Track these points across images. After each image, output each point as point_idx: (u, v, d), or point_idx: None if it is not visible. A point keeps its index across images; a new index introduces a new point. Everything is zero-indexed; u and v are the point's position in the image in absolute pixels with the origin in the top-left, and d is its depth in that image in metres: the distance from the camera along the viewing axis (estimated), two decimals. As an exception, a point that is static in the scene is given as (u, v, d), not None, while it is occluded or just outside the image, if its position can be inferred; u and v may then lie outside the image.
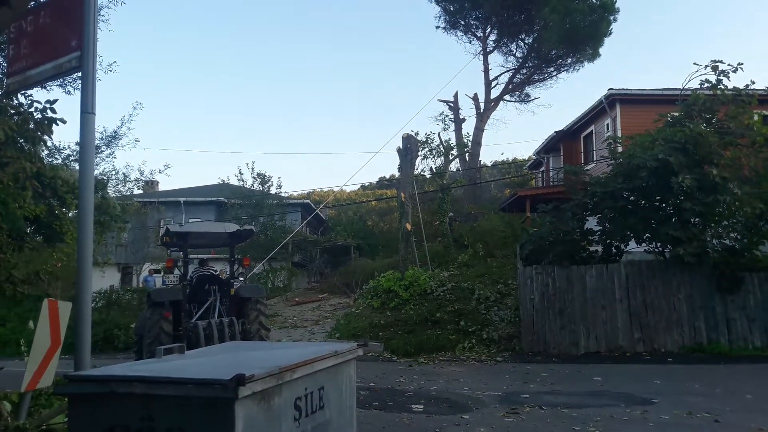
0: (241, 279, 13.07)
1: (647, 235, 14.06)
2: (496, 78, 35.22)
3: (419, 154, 25.75)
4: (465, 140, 34.23)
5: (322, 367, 3.09)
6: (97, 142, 18.93)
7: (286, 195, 33.76)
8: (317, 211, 29.49)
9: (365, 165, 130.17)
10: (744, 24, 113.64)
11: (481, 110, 34.68)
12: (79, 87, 4.02)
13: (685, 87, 15.78)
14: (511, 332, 14.62)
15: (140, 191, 27.65)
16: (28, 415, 4.68)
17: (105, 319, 17.67)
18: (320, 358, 3.07)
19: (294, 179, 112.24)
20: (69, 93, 13.50)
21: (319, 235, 33.15)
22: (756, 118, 14.59)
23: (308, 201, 36.05)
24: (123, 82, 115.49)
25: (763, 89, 15.18)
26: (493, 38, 35.07)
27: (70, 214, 11.39)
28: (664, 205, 13.91)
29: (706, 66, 14.82)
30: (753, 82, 14.65)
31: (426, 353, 14.07)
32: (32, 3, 3.94)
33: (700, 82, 15.07)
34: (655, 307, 13.65)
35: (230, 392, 2.21)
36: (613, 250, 14.85)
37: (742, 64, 14.53)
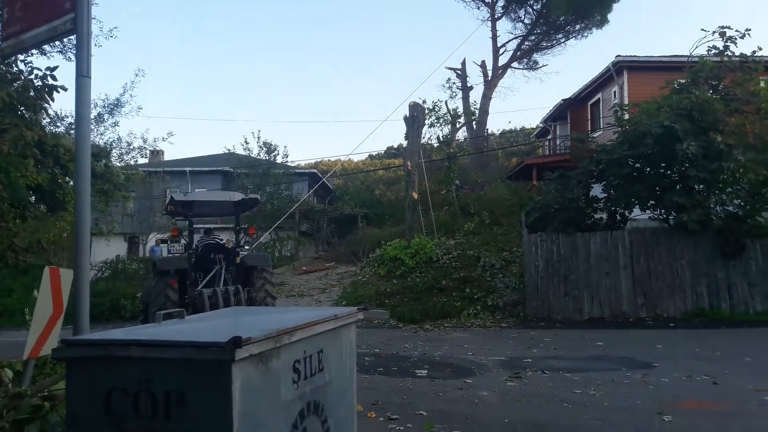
0: (247, 248, 13.15)
1: (652, 202, 14.03)
2: (504, 45, 34.89)
3: (426, 122, 25.61)
4: (472, 108, 34.05)
5: (321, 330, 3.11)
6: (99, 110, 18.82)
7: (293, 164, 33.75)
8: (324, 179, 29.47)
9: (372, 133, 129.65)
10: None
11: (489, 78, 34.40)
12: (80, 53, 4.00)
13: (693, 54, 15.55)
14: (516, 299, 14.72)
15: (146, 160, 27.63)
16: (32, 383, 4.77)
17: (111, 288, 17.80)
18: (319, 321, 3.09)
19: (301, 148, 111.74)
20: (70, 59, 13.43)
21: (326, 205, 33.21)
22: (762, 84, 14.42)
23: (315, 170, 36.00)
24: (125, 49, 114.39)
25: (771, 56, 14.96)
26: (502, 4, 34.64)
27: (72, 183, 11.44)
28: (668, 172, 13.84)
29: (714, 32, 14.67)
30: (760, 48, 14.47)
31: (431, 320, 14.20)
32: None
33: (707, 48, 14.90)
34: (659, 273, 13.69)
35: (227, 354, 2.24)
36: (618, 218, 14.85)
37: (749, 30, 14.35)
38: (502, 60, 34.89)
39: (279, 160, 32.60)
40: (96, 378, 2.36)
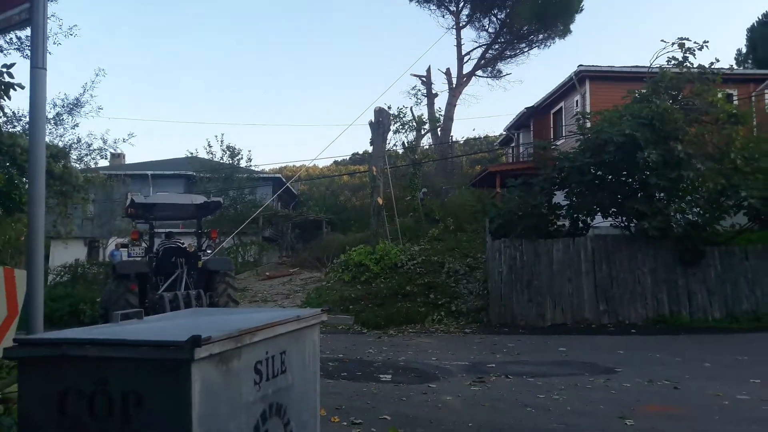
0: (209, 252, 12.94)
1: (613, 209, 14.29)
2: (468, 53, 35.26)
3: (391, 128, 25.64)
4: (437, 115, 34.27)
5: (283, 331, 3.04)
6: (58, 110, 18.30)
7: (257, 169, 33.38)
8: (288, 184, 29.21)
9: (337, 138, 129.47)
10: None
11: (454, 85, 34.71)
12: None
13: (653, 64, 15.92)
14: (480, 305, 14.79)
15: (106, 163, 27.01)
16: (-16, 386, 4.56)
17: (70, 293, 17.26)
18: (282, 321, 3.03)
19: (265, 153, 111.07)
20: (28, 57, 13.07)
21: (291, 210, 32.92)
22: (720, 96, 14.82)
23: (280, 175, 35.67)
24: (85, 48, 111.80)
25: (727, 68, 15.42)
26: (466, 13, 35.06)
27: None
28: (630, 180, 14.12)
29: (673, 43, 15.01)
30: (717, 60, 14.93)
31: (396, 326, 14.17)
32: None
33: (667, 59, 15.27)
34: (620, 280, 13.93)
35: (186, 353, 2.16)
36: (580, 225, 15.08)
37: (707, 42, 14.74)
38: (467, 68, 35.30)
39: (243, 164, 32.24)
40: (49, 378, 2.26)
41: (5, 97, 7.21)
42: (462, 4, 34.84)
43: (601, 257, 14.12)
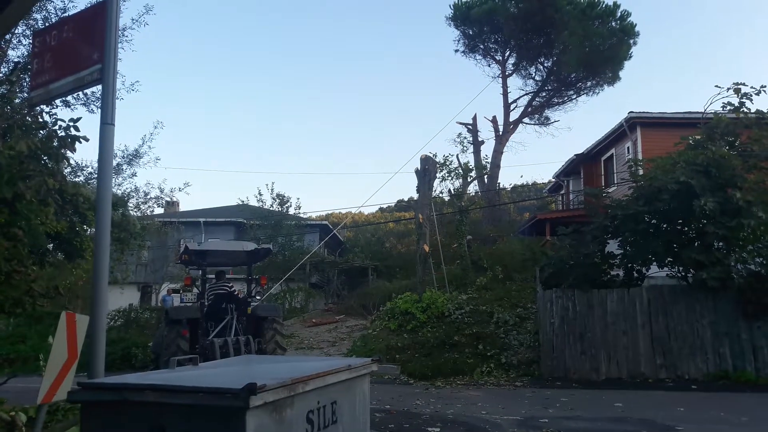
0: (258, 298, 13.12)
1: (669, 258, 13.80)
2: (515, 101, 35.30)
3: (437, 175, 25.69)
4: (484, 162, 34.25)
5: (335, 380, 3.04)
6: (118, 160, 19.20)
7: (304, 216, 33.90)
8: (335, 231, 29.52)
9: (383, 186, 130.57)
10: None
11: (500, 133, 34.69)
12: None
13: (707, 110, 15.62)
14: (531, 357, 14.38)
15: (161, 210, 27.97)
16: (44, 428, 4.68)
17: (123, 337, 17.75)
18: (333, 371, 3.02)
19: (313, 200, 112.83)
20: (92, 111, 13.79)
21: (337, 257, 33.14)
22: (781, 141, 14.34)
23: (326, 222, 36.13)
24: (144, 102, 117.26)
25: (788, 113, 14.93)
26: (512, 61, 35.23)
27: (89, 232, 11.54)
28: (686, 228, 13.67)
29: (728, 89, 14.70)
30: (777, 105, 14.49)
31: (443, 377, 13.88)
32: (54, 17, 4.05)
33: (722, 105, 14.94)
34: (678, 332, 13.35)
35: (241, 401, 2.18)
36: (635, 274, 14.60)
37: (765, 86, 14.38)
38: (513, 115, 35.27)
39: (291, 211, 32.79)
40: (110, 422, 2.31)
41: (71, 150, 7.58)
42: (508, 53, 35.13)
43: (657, 309, 13.60)
